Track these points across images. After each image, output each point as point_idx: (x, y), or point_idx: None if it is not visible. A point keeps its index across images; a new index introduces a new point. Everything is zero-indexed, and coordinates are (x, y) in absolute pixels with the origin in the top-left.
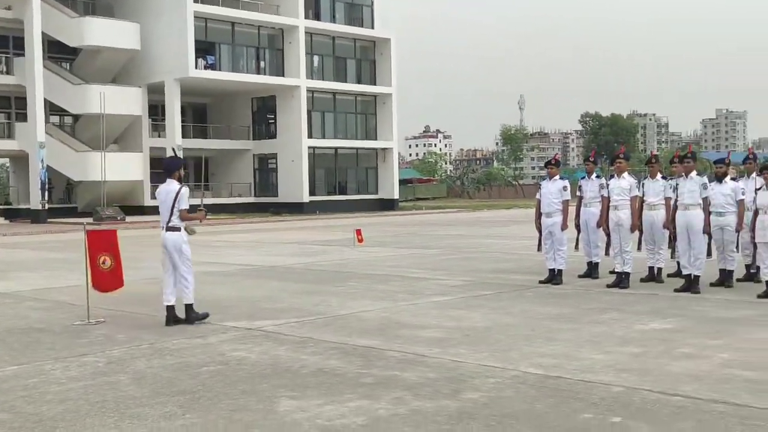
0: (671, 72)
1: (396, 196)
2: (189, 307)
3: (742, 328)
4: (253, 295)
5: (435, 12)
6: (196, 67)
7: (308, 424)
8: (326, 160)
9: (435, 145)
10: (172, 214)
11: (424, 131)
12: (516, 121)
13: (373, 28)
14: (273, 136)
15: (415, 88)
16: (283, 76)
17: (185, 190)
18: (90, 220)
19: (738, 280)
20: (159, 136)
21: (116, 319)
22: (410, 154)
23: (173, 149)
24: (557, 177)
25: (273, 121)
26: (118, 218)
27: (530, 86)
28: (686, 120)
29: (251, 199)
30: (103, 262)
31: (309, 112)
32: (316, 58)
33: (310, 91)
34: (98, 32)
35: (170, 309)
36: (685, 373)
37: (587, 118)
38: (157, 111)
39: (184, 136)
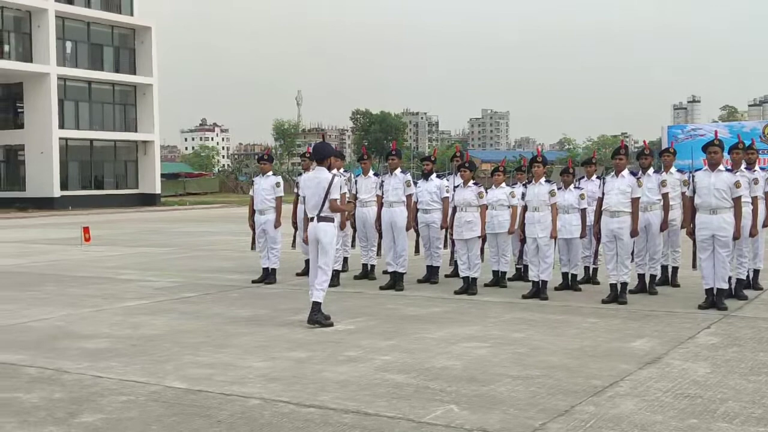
0: (444, 72)
1: (158, 190)
2: (316, 306)
3: (423, 326)
4: None
5: (215, 2)
6: None
7: None
8: (81, 152)
9: (212, 139)
10: (324, 203)
11: (200, 124)
12: (295, 116)
13: (132, 14)
14: (21, 126)
15: (193, 80)
16: (31, 61)
17: (338, 179)
18: None
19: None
20: None
21: None
22: (186, 148)
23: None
24: (270, 173)
25: (21, 109)
26: None
27: (309, 82)
28: (456, 119)
29: None
30: None
31: (61, 101)
32: (68, 44)
33: (62, 78)
34: None
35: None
36: (336, 380)
37: (358, 115)
38: None
39: None
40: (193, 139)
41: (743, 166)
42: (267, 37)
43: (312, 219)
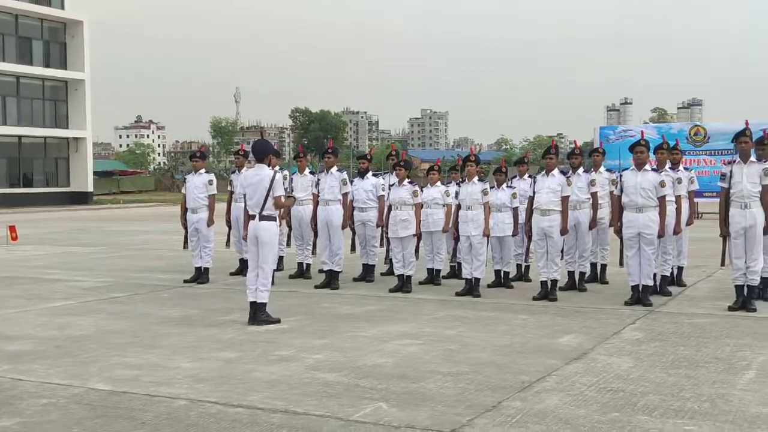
0: (384, 72)
1: (90, 188)
2: (261, 307)
3: (357, 324)
4: None
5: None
6: None
7: None
8: (8, 149)
9: (148, 136)
10: (266, 201)
11: (135, 121)
12: (233, 114)
13: (63, 8)
14: None
15: (128, 76)
16: None
17: (279, 175)
18: None
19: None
20: None
21: None
22: (121, 145)
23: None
24: (203, 170)
25: None
26: None
27: (248, 80)
28: (396, 118)
29: None
30: None
31: None
32: None
33: None
34: None
35: (253, 305)
36: (266, 380)
37: (297, 114)
38: None
39: None
40: (128, 136)
41: (668, 165)
42: (207, 34)
43: (253, 217)
